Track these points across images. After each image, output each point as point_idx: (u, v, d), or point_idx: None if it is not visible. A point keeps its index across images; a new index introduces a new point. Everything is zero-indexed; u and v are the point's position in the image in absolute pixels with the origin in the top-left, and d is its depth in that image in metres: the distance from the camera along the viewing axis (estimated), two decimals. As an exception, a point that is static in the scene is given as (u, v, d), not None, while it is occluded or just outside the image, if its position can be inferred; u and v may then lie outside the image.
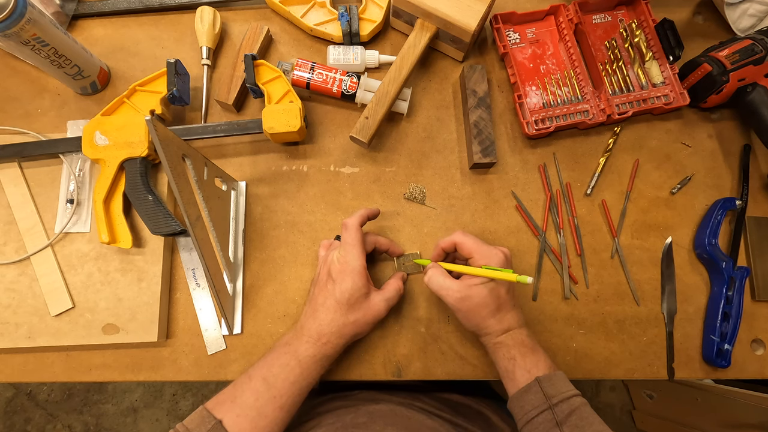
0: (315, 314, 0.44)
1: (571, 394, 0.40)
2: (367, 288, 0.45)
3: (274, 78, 0.54)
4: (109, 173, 0.50)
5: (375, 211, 0.50)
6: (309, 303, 0.46)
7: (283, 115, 0.52)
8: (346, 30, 0.57)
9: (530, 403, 0.41)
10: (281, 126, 0.52)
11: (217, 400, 0.41)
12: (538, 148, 0.57)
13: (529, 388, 0.41)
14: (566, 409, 0.39)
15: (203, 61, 0.58)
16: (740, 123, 0.59)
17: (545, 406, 0.40)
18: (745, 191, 0.55)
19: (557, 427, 0.39)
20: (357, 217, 0.47)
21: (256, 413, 0.40)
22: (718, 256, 0.53)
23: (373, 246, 0.49)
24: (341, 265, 0.44)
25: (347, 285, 0.43)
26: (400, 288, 0.48)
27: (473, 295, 0.43)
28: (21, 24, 0.44)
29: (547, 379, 0.41)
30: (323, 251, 0.49)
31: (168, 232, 0.49)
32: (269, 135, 0.53)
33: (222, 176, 0.52)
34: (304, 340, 0.43)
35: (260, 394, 0.40)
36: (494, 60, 0.60)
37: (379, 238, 0.50)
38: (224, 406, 0.40)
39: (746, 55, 0.53)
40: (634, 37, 0.57)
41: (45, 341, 0.49)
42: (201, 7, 0.58)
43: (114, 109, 0.53)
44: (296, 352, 0.43)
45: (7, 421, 1.37)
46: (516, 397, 0.42)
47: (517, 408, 0.42)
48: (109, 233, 0.49)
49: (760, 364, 0.52)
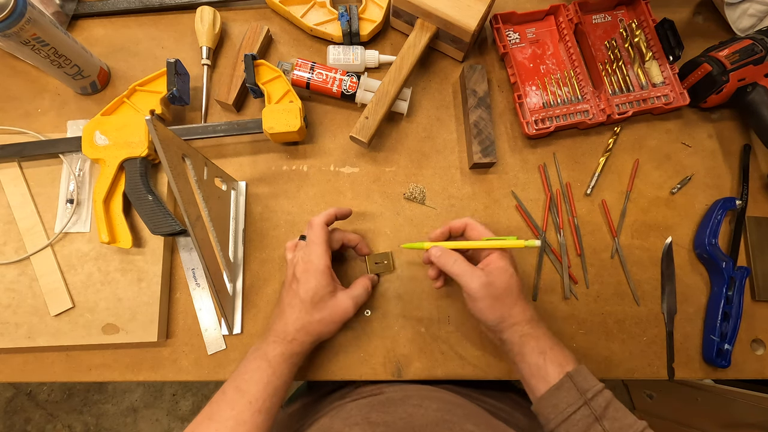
0: (282, 315, 0.44)
1: (601, 386, 0.38)
2: (332, 286, 0.44)
3: (274, 78, 0.54)
4: (109, 173, 0.50)
5: (345, 211, 0.49)
6: (277, 305, 0.46)
7: (283, 114, 0.52)
8: (346, 30, 0.57)
9: (564, 401, 0.38)
10: (281, 126, 0.52)
11: (195, 423, 0.40)
12: (538, 148, 0.57)
13: (561, 385, 0.38)
14: (602, 403, 0.37)
15: (203, 61, 0.58)
16: (740, 123, 0.59)
17: (581, 401, 0.37)
18: (745, 191, 0.55)
19: (597, 422, 0.37)
20: (323, 216, 0.46)
21: (234, 422, 0.39)
22: (718, 256, 0.53)
23: (340, 243, 0.49)
24: (305, 264, 0.44)
25: (311, 284, 0.43)
26: (367, 286, 0.47)
27: (496, 280, 0.41)
28: (21, 24, 0.44)
29: (576, 373, 0.39)
30: (289, 254, 0.49)
31: (168, 232, 0.49)
32: (269, 135, 0.53)
33: (222, 176, 0.52)
34: (272, 340, 0.43)
35: (235, 402, 0.40)
36: (494, 60, 0.60)
37: (347, 234, 0.49)
38: (202, 426, 0.39)
39: (746, 55, 0.53)
40: (634, 37, 0.57)
41: (45, 341, 0.49)
42: (201, 7, 0.58)
43: (114, 109, 0.53)
44: (266, 354, 0.42)
45: (7, 421, 1.37)
46: (547, 396, 0.39)
47: (549, 407, 0.39)
48: (108, 233, 0.49)
49: (760, 364, 0.52)
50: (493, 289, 0.41)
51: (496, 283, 0.41)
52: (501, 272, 0.41)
